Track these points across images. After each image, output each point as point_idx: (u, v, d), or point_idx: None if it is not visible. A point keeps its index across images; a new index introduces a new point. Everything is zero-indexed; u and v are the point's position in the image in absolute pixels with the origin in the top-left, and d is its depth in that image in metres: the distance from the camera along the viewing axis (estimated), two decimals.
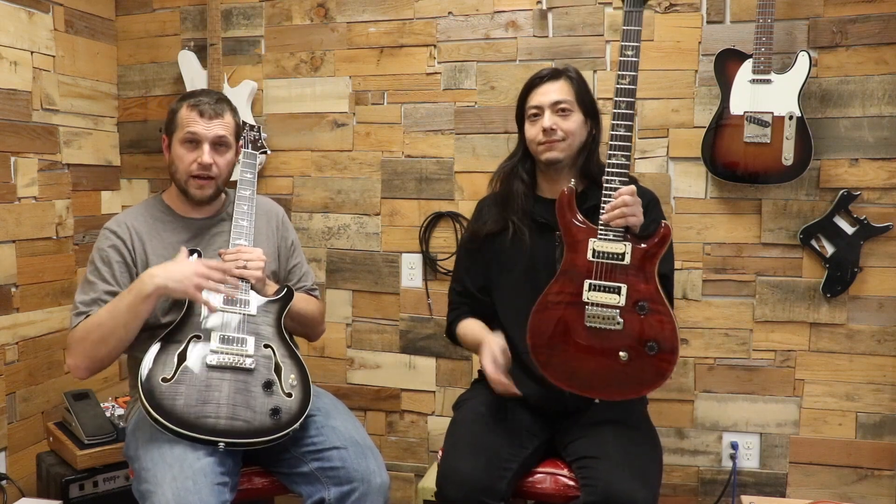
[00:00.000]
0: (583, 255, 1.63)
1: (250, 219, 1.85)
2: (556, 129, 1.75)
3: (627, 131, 1.62)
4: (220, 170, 1.82)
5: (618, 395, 1.66)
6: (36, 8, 2.43)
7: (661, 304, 1.59)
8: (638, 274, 1.60)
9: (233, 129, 1.85)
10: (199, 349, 1.66)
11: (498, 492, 1.59)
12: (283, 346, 1.76)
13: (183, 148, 1.79)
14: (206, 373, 1.63)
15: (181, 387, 1.60)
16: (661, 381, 1.60)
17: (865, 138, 2.22)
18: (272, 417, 1.63)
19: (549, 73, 1.80)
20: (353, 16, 2.59)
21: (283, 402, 1.66)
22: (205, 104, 1.79)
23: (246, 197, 1.87)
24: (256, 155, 1.97)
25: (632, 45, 1.63)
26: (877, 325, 2.26)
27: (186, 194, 1.83)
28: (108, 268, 1.76)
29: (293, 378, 1.70)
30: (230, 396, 1.61)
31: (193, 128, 1.77)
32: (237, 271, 1.73)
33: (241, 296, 1.75)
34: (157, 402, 1.57)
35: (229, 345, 1.68)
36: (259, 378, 1.67)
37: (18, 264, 2.37)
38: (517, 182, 1.85)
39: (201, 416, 1.57)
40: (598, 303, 1.61)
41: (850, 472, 2.30)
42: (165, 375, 1.60)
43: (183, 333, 1.68)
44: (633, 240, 1.61)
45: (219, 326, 1.70)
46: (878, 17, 2.19)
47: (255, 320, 1.75)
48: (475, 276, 1.91)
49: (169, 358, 1.63)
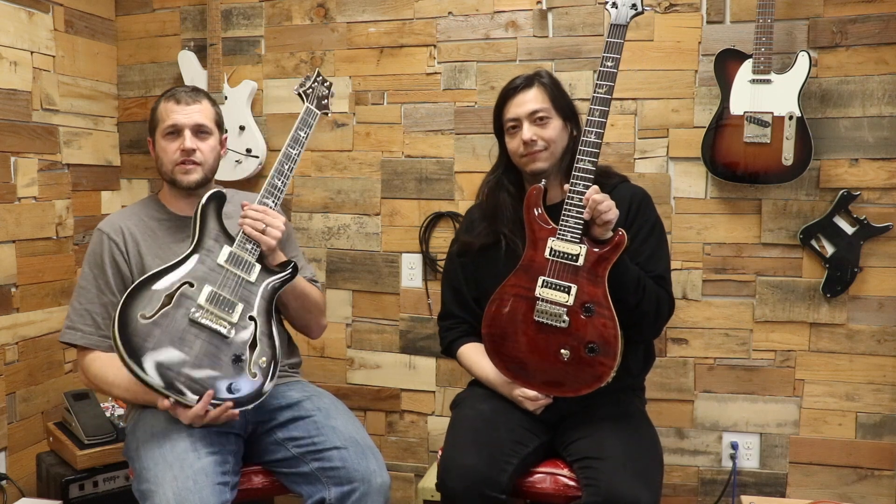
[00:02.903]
0: (541, 252, 1.70)
1: (286, 181, 1.75)
2: (537, 140, 1.76)
3: (598, 138, 1.67)
4: (205, 155, 1.79)
5: (556, 392, 1.72)
6: (36, 8, 2.43)
7: (607, 309, 1.64)
8: (589, 276, 1.65)
9: (212, 117, 1.83)
10: (186, 298, 1.60)
11: (499, 484, 1.59)
12: (267, 323, 1.68)
13: (165, 140, 1.78)
14: (186, 325, 1.57)
15: (156, 329, 1.54)
16: (597, 384, 1.66)
17: (865, 138, 2.22)
18: (228, 391, 1.57)
19: (521, 82, 1.80)
20: (353, 16, 2.59)
21: (245, 380, 1.60)
22: (181, 93, 1.80)
23: (291, 156, 1.75)
24: (318, 115, 1.83)
25: (613, 56, 1.69)
26: (877, 325, 2.26)
27: (175, 184, 1.80)
28: (102, 273, 1.76)
29: (263, 361, 1.63)
30: (197, 357, 1.56)
31: (173, 118, 1.76)
32: (254, 233, 1.68)
33: (248, 257, 1.69)
34: (127, 337, 1.51)
35: (217, 306, 1.62)
36: (232, 349, 1.60)
37: (18, 264, 2.37)
38: (503, 194, 1.86)
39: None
40: (548, 299, 1.68)
41: (850, 472, 2.30)
42: (145, 312, 1.55)
43: (177, 274, 1.62)
44: (589, 243, 1.65)
45: (214, 281, 1.64)
46: (878, 17, 2.19)
47: (250, 288, 1.68)
48: (470, 287, 1.91)
49: (155, 295, 1.58)
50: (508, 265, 1.77)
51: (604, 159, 1.73)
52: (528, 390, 1.73)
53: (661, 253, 1.81)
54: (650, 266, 1.74)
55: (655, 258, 1.78)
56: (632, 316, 1.69)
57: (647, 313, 1.71)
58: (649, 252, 1.76)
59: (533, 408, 1.73)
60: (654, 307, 1.71)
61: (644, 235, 1.78)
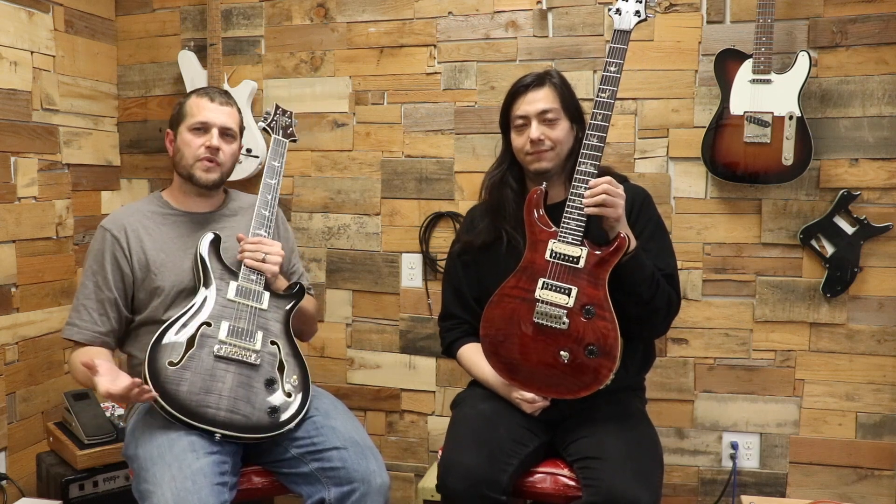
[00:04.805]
0: (541, 254, 1.69)
1: (272, 209, 1.84)
2: (545, 140, 1.76)
3: (600, 141, 1.67)
4: (226, 157, 1.83)
5: (554, 394, 1.71)
6: (36, 8, 2.43)
7: (607, 312, 1.63)
8: (590, 279, 1.65)
9: (238, 123, 1.88)
10: (208, 337, 1.67)
11: (499, 484, 1.59)
12: (289, 344, 1.77)
13: (191, 134, 1.80)
14: (213, 362, 1.64)
15: (186, 373, 1.61)
16: (595, 386, 1.66)
17: (865, 138, 2.22)
18: (270, 415, 1.65)
19: (533, 80, 1.79)
20: (353, 16, 2.59)
21: (283, 401, 1.68)
22: (214, 92, 1.85)
23: (271, 186, 1.85)
24: (286, 143, 1.93)
25: (616, 61, 1.69)
26: (877, 325, 2.26)
27: (192, 179, 1.82)
28: (101, 269, 1.77)
29: (295, 378, 1.72)
30: (232, 389, 1.63)
31: (204, 114, 1.80)
32: (255, 263, 1.75)
33: (255, 287, 1.76)
34: (161, 385, 1.58)
35: (238, 337, 1.69)
36: (262, 374, 1.68)
37: (18, 264, 2.37)
38: (507, 190, 1.86)
39: (202, 405, 1.59)
40: (548, 301, 1.67)
41: (850, 472, 2.30)
42: (172, 359, 1.62)
43: (193, 319, 1.69)
44: (590, 245, 1.65)
45: (230, 316, 1.71)
46: (878, 17, 2.19)
47: (265, 315, 1.76)
48: (471, 287, 1.91)
49: (178, 342, 1.64)
50: (510, 262, 1.77)
51: (604, 159, 1.72)
52: (526, 392, 1.73)
53: (668, 251, 1.81)
54: (658, 264, 1.74)
55: (663, 256, 1.78)
56: (644, 311, 1.70)
57: (659, 309, 1.71)
58: (655, 251, 1.76)
59: (531, 410, 1.73)
60: (665, 303, 1.72)
61: (649, 234, 1.78)
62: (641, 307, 1.69)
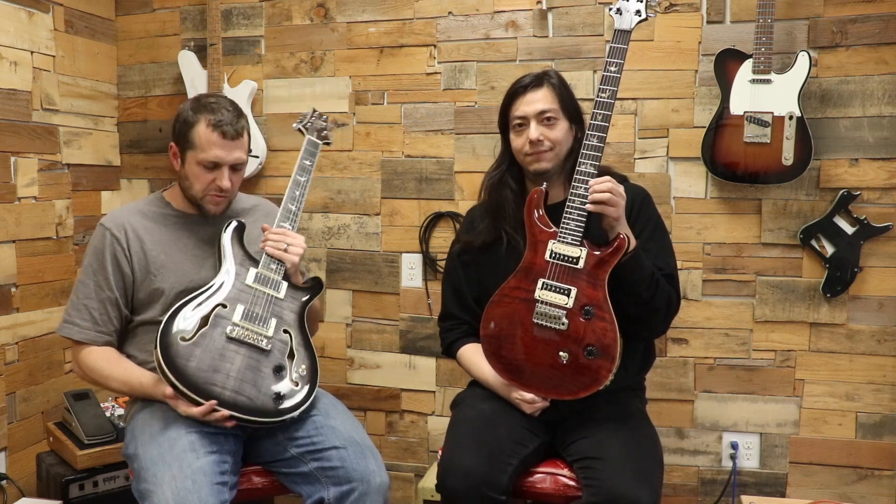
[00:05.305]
0: (541, 255, 1.70)
1: (299, 205, 1.85)
2: (544, 140, 1.75)
3: (600, 142, 1.68)
4: (235, 187, 1.83)
5: (554, 395, 1.71)
6: (36, 8, 2.43)
7: (607, 313, 1.64)
8: (589, 279, 1.65)
9: (247, 147, 1.83)
10: (222, 318, 1.68)
11: (499, 485, 1.59)
12: (302, 335, 1.78)
13: (200, 168, 1.75)
14: (224, 343, 1.66)
15: (197, 349, 1.62)
16: (595, 387, 1.66)
17: (865, 138, 2.22)
18: (274, 401, 1.65)
19: (531, 80, 1.79)
20: (353, 16, 2.59)
21: (289, 389, 1.69)
22: (226, 125, 1.73)
23: (301, 183, 1.86)
24: (321, 144, 1.93)
25: (616, 61, 1.69)
26: (877, 325, 2.26)
27: (200, 209, 1.83)
28: (101, 269, 1.77)
29: (303, 368, 1.74)
30: (240, 371, 1.64)
31: (214, 153, 1.73)
32: (277, 252, 1.76)
33: (274, 276, 1.77)
34: (171, 359, 1.59)
35: (252, 322, 1.70)
36: (272, 361, 1.69)
37: (18, 264, 2.37)
38: (506, 191, 1.86)
39: (209, 383, 1.60)
40: (547, 301, 1.67)
41: (850, 472, 2.30)
42: (185, 335, 1.63)
43: (210, 299, 1.70)
44: (590, 246, 1.65)
45: (246, 301, 1.72)
46: (878, 17, 2.19)
47: (280, 304, 1.77)
48: (471, 287, 1.91)
49: (192, 318, 1.66)
50: (510, 262, 1.77)
51: (604, 159, 1.72)
52: (525, 393, 1.73)
53: (668, 251, 1.81)
54: (658, 264, 1.74)
55: (663, 256, 1.78)
56: (644, 311, 1.70)
57: (658, 309, 1.71)
58: (656, 250, 1.76)
59: (530, 411, 1.73)
60: (665, 303, 1.72)
61: (649, 233, 1.78)
62: (641, 307, 1.69)
